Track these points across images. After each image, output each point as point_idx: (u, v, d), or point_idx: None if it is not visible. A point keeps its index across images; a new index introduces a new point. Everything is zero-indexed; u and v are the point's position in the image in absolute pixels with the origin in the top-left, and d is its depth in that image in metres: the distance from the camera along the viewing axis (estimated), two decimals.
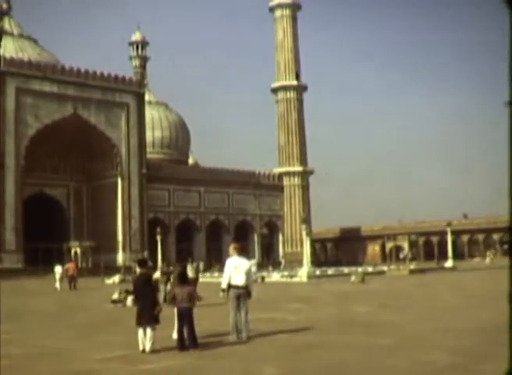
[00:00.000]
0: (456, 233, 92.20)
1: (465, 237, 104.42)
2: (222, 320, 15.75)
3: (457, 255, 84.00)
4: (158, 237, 65.41)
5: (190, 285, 14.71)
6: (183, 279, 14.96)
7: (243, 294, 14.72)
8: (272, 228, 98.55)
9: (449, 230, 69.00)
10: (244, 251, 17.02)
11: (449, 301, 25.46)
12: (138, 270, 15.50)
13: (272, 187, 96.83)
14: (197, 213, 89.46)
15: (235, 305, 14.60)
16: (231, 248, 15.60)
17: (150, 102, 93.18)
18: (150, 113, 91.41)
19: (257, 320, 17.77)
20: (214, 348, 13.55)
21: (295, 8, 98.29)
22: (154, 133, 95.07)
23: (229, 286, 14.65)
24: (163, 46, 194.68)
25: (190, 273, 24.18)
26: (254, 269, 48.91)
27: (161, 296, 21.78)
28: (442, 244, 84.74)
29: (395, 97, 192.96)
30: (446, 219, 76.03)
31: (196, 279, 27.54)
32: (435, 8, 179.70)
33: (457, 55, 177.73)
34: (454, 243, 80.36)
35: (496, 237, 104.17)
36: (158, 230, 66.98)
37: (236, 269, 14.67)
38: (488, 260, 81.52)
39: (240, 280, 14.63)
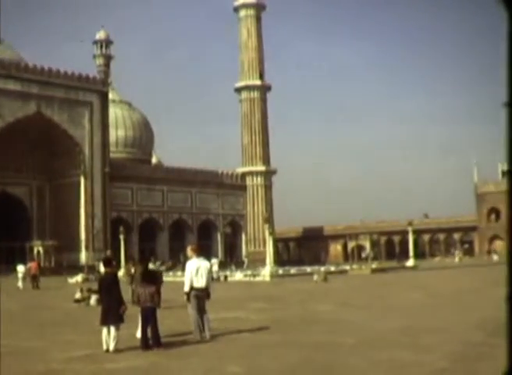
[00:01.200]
0: (418, 233, 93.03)
1: (426, 237, 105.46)
2: (185, 320, 15.82)
3: (418, 255, 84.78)
4: (121, 236, 65.34)
5: (153, 285, 14.74)
6: (145, 278, 15.03)
7: (203, 295, 14.82)
8: (235, 227, 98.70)
9: (410, 229, 69.66)
10: (202, 252, 17.07)
11: (410, 299, 25.71)
12: (102, 269, 15.51)
13: (235, 186, 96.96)
14: (160, 212, 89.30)
15: (195, 306, 14.63)
16: (189, 250, 15.66)
17: (114, 101, 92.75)
18: (113, 112, 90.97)
19: (220, 319, 17.91)
20: (177, 348, 13.62)
21: (259, 8, 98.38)
22: (117, 132, 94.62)
23: (191, 288, 14.72)
24: (128, 45, 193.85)
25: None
26: (215, 267, 49.23)
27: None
28: (404, 244, 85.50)
29: (359, 97, 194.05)
30: (407, 219, 76.71)
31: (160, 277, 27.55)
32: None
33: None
34: (415, 242, 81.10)
35: (456, 236, 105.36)
36: (121, 229, 66.91)
37: (198, 271, 14.75)
38: (457, 259, 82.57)
39: (201, 283, 14.71)
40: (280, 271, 54.30)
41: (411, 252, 67.50)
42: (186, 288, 14.76)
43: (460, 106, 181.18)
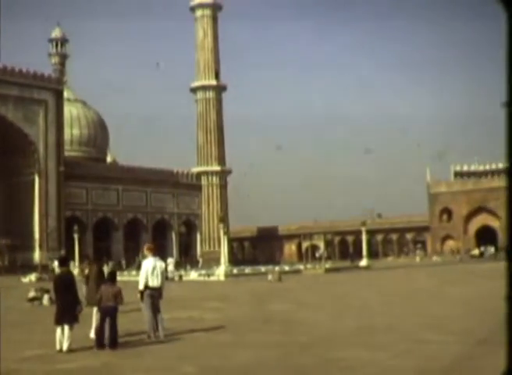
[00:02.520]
0: (371, 233, 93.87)
1: (379, 237, 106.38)
2: (139, 319, 15.90)
3: (372, 254, 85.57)
4: (76, 236, 64.95)
5: (116, 284, 14.76)
6: (101, 277, 15.06)
7: (157, 295, 14.91)
8: (190, 227, 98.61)
9: (363, 229, 70.28)
10: (158, 252, 17.20)
11: (363, 299, 25.94)
12: (56, 269, 15.50)
13: (191, 186, 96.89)
14: (115, 212, 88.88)
15: (149, 305, 14.69)
16: (145, 249, 15.80)
17: (69, 100, 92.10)
18: (68, 111, 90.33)
19: (174, 319, 17.98)
20: (132, 347, 13.63)
21: (216, 8, 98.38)
22: (72, 130, 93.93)
23: (146, 287, 14.80)
24: (84, 43, 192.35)
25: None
26: (171, 267, 49.26)
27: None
28: (357, 244, 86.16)
29: (312, 96, 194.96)
30: (360, 219, 77.35)
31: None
32: None
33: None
34: (369, 242, 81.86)
35: (409, 236, 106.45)
36: (76, 228, 66.50)
37: (154, 270, 14.84)
38: (418, 259, 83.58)
39: (156, 282, 14.81)
40: (235, 271, 54.48)
41: (365, 252, 68.12)
42: (141, 287, 14.85)
43: (416, 106, 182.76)
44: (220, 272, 50.09)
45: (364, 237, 70.55)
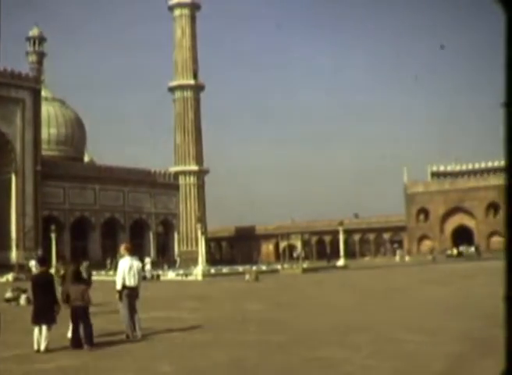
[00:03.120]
0: (348, 233, 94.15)
1: (357, 237, 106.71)
2: (116, 319, 15.95)
3: (349, 254, 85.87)
4: (53, 235, 64.72)
5: (83, 284, 14.80)
6: (77, 277, 15.10)
7: (134, 295, 15.01)
8: (168, 227, 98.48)
9: (341, 229, 70.59)
10: (136, 251, 17.36)
11: (340, 298, 26.12)
12: (33, 268, 15.50)
13: (168, 185, 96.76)
14: (93, 211, 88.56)
15: (126, 305, 14.79)
16: (122, 249, 15.88)
17: (46, 98, 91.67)
18: (46, 110, 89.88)
19: (152, 319, 18.06)
20: (109, 347, 13.67)
21: (194, 7, 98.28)
22: (49, 129, 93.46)
23: (123, 287, 14.89)
24: (62, 42, 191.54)
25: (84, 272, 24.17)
26: (149, 267, 49.32)
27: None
28: (335, 243, 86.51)
29: (290, 97, 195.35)
30: (338, 219, 77.66)
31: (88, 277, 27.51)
32: None
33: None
34: (346, 242, 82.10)
35: (386, 236, 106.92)
36: (53, 227, 66.26)
37: (130, 270, 14.95)
38: (398, 258, 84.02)
39: (133, 282, 14.93)
40: (212, 270, 54.58)
41: (342, 252, 68.46)
42: (119, 287, 14.93)
43: (394, 106, 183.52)
44: (198, 272, 50.17)
45: (341, 237, 70.88)
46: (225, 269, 57.30)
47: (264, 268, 59.97)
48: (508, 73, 2.69)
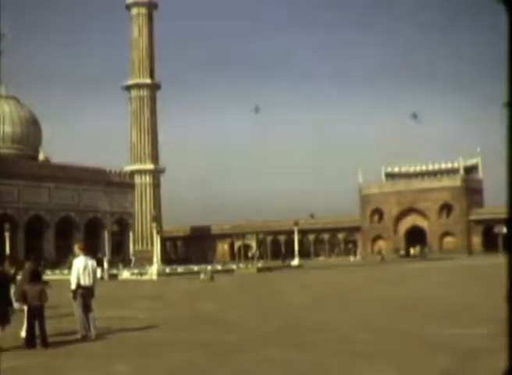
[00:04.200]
0: (303, 233, 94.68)
1: (311, 237, 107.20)
2: (71, 319, 15.94)
3: (304, 254, 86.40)
4: (7, 234, 64.09)
5: (40, 283, 14.75)
6: (34, 277, 15.06)
7: (89, 294, 15.01)
8: (123, 226, 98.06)
9: (296, 229, 71.02)
10: (91, 250, 17.44)
11: (294, 298, 26.25)
12: None
13: (124, 184, 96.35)
14: (47, 210, 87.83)
15: (81, 304, 14.78)
16: (76, 248, 15.84)
17: (0, 96, 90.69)
18: (0, 107, 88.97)
19: (107, 318, 18.02)
20: (63, 347, 13.63)
21: (151, 7, 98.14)
22: (4, 127, 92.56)
23: (78, 286, 14.87)
24: (17, 39, 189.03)
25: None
26: (105, 265, 49.21)
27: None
28: (290, 243, 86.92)
29: (249, 97, 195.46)
30: (293, 219, 78.06)
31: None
32: None
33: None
34: (301, 242, 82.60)
35: (340, 236, 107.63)
36: (7, 226, 65.61)
37: (85, 269, 14.95)
38: (358, 258, 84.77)
39: (87, 281, 14.92)
40: (167, 270, 54.54)
41: (297, 252, 68.87)
42: (73, 286, 14.89)
43: (350, 107, 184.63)
44: (153, 271, 50.11)
45: (296, 237, 71.30)
46: (180, 269, 57.29)
47: (219, 267, 60.08)
48: (509, 73, 2.66)
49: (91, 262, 15.31)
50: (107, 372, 11.04)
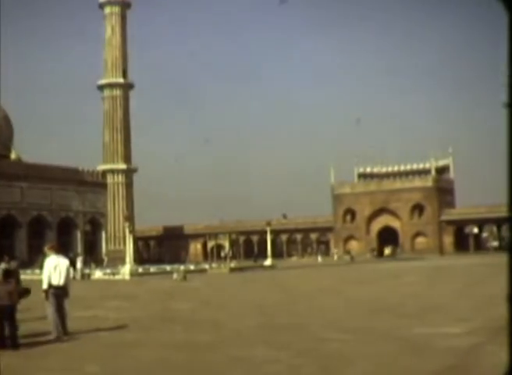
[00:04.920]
0: (276, 233, 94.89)
1: (284, 237, 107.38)
2: (42, 319, 15.88)
3: (276, 254, 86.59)
4: None
5: (11, 283, 14.68)
6: (6, 276, 14.98)
7: (62, 294, 14.94)
8: (96, 225, 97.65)
9: (268, 229, 71.17)
10: (63, 250, 17.40)
11: (266, 298, 26.29)
12: None
13: (96, 184, 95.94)
14: (19, 209, 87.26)
15: (54, 304, 14.73)
16: (46, 248, 15.68)
17: None
18: None
19: (79, 318, 17.96)
20: (35, 347, 13.54)
21: (124, 6, 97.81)
22: None
23: (50, 286, 14.78)
24: None
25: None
26: (79, 265, 49.02)
27: None
28: (262, 243, 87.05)
29: (220, 97, 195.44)
30: (266, 219, 78.17)
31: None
32: None
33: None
34: (273, 242, 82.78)
35: (313, 236, 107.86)
36: None
37: (56, 268, 14.86)
38: (335, 258, 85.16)
39: (59, 280, 14.84)
40: (140, 270, 54.45)
41: (269, 252, 69.01)
42: (45, 285, 14.79)
43: (321, 106, 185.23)
44: (125, 271, 49.99)
45: (268, 237, 71.43)
46: (152, 269, 57.23)
47: (192, 267, 60.08)
48: (510, 73, 2.67)
49: (63, 262, 15.19)
50: (79, 372, 10.96)
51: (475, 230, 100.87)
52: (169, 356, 12.24)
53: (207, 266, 61.90)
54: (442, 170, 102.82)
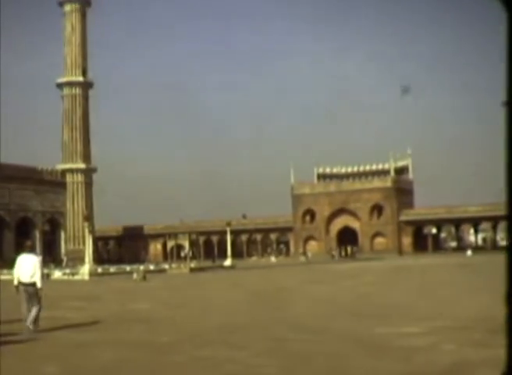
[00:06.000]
0: (236, 233, 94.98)
1: (244, 237, 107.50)
2: (5, 318, 15.80)
3: (236, 254, 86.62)
4: None
5: None
6: None
7: (31, 290, 15.29)
8: (55, 225, 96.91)
9: (228, 229, 71.27)
10: (32, 249, 17.83)
11: (226, 298, 26.37)
12: None
13: (56, 183, 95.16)
14: None
15: (24, 300, 15.22)
16: (24, 246, 16.70)
17: None
18: None
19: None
20: None
21: (84, 3, 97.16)
22: None
23: (20, 283, 15.29)
24: None
25: None
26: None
27: None
28: (222, 244, 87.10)
29: (182, 97, 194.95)
30: (226, 219, 78.24)
31: None
32: None
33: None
34: (233, 242, 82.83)
35: (273, 236, 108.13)
36: None
37: (23, 266, 15.38)
38: (303, 258, 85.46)
39: (26, 277, 15.28)
40: (99, 270, 54.24)
41: (229, 252, 69.12)
42: (15, 282, 15.43)
43: (281, 107, 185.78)
44: (84, 271, 49.73)
45: (228, 237, 71.53)
46: (112, 269, 57.04)
47: (152, 267, 60.00)
48: (509, 72, 2.65)
49: (32, 259, 15.66)
50: (37, 373, 10.92)
51: (434, 230, 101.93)
52: (129, 356, 12.21)
53: (167, 266, 61.82)
54: (401, 171, 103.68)
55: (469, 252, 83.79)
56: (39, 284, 15.43)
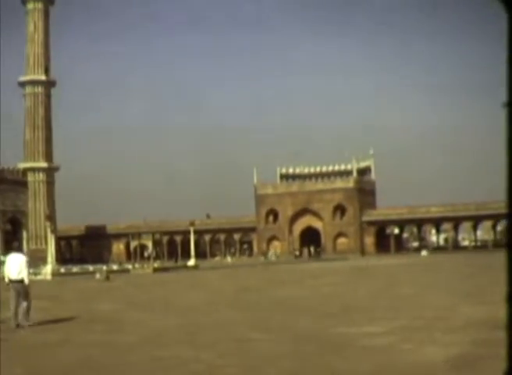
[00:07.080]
0: (199, 233, 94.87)
1: (207, 237, 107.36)
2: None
3: (200, 254, 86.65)
4: None
5: None
6: None
7: (19, 287, 16.63)
8: (16, 224, 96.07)
9: (191, 229, 71.25)
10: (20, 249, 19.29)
11: (190, 298, 26.37)
12: None
13: (17, 182, 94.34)
14: None
15: (13, 296, 16.49)
16: (12, 246, 18.65)
17: None
18: None
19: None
20: None
21: (47, 2, 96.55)
22: None
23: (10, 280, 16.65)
24: None
25: None
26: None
27: None
28: (186, 244, 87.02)
29: (148, 92, 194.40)
30: (189, 219, 78.19)
31: None
32: None
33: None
34: (197, 242, 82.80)
35: (236, 236, 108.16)
36: None
37: (12, 264, 16.92)
38: (274, 257, 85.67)
39: (13, 274, 16.76)
40: (62, 270, 53.99)
41: (193, 252, 69.12)
42: (6, 279, 16.93)
43: (245, 106, 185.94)
44: (47, 271, 49.44)
45: (192, 237, 71.52)
46: (75, 269, 56.78)
47: (115, 267, 59.81)
48: (509, 72, 2.67)
49: (18, 258, 17.19)
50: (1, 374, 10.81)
51: (396, 230, 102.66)
52: (92, 357, 12.23)
53: (130, 266, 61.67)
54: (363, 172, 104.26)
55: (424, 252, 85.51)
56: (26, 281, 16.86)
